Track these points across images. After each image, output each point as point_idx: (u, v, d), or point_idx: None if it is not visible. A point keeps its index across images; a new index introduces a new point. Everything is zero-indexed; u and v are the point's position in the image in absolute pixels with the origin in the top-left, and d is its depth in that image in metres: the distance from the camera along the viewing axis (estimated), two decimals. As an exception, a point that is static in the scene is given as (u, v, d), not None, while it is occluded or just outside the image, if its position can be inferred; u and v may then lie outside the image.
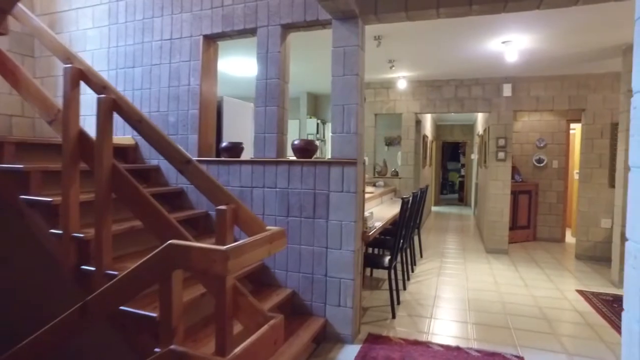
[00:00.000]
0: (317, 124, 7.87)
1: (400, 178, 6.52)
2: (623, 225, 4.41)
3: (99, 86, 2.14)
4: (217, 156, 3.67)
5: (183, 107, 3.49)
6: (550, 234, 7.13)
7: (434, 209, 11.82)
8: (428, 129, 9.34)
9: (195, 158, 3.42)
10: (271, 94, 3.17)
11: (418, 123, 7.51)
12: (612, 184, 5.67)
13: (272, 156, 3.18)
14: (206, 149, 3.52)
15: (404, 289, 4.27)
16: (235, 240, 1.63)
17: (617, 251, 4.49)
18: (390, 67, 5.30)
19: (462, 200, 13.80)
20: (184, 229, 1.98)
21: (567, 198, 7.28)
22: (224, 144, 3.38)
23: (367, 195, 4.68)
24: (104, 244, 2.01)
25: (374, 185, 6.24)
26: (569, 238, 7.31)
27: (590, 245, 5.78)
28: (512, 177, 6.10)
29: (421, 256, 5.76)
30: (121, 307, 1.93)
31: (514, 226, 6.71)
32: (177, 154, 2.08)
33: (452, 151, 16.42)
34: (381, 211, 4.73)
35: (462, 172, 14.89)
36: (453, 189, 16.09)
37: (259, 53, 3.21)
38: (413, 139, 6.47)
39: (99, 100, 2.04)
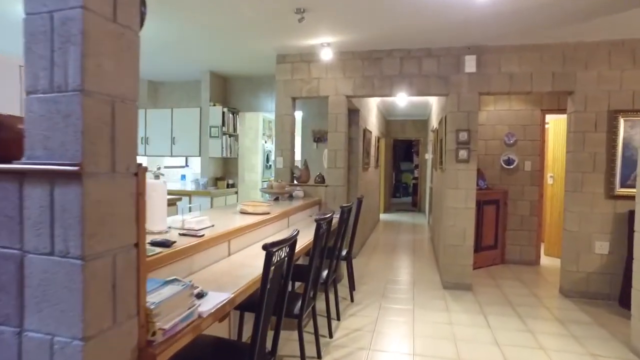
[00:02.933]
0: (224, 113, 5.94)
1: (326, 186, 4.72)
2: (653, 265, 2.81)
3: None
4: None
5: None
6: (521, 256, 5.59)
7: (383, 217, 10.17)
8: (373, 122, 7.62)
9: None
10: None
11: (354, 112, 5.75)
12: (610, 194, 4.12)
13: None
14: None
15: (307, 386, 2.46)
16: None
17: (640, 302, 2.89)
18: (300, 20, 3.46)
19: (416, 205, 12.28)
20: None
21: (542, 209, 5.76)
22: None
23: (258, 218, 2.83)
24: None
25: (290, 196, 4.41)
26: (544, 259, 5.80)
27: (582, 277, 4.22)
28: (476, 183, 4.47)
29: (352, 300, 3.99)
30: None
31: (478, 247, 5.08)
32: None
33: (405, 150, 14.92)
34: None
35: (417, 173, 13.40)
36: (407, 191, 14.62)
37: None
38: (344, 132, 4.68)
39: None
